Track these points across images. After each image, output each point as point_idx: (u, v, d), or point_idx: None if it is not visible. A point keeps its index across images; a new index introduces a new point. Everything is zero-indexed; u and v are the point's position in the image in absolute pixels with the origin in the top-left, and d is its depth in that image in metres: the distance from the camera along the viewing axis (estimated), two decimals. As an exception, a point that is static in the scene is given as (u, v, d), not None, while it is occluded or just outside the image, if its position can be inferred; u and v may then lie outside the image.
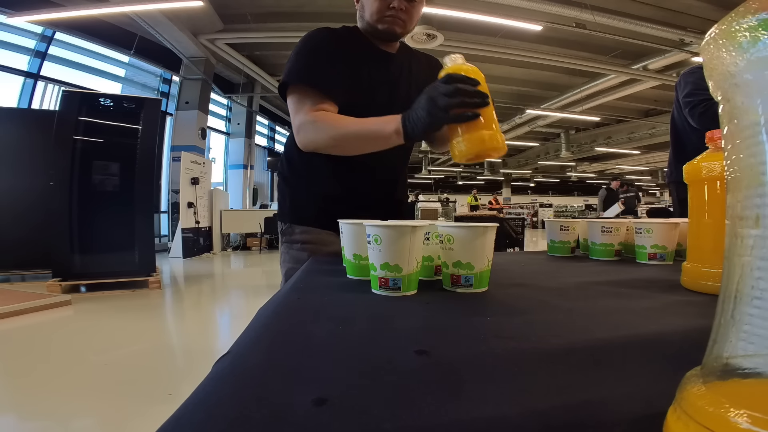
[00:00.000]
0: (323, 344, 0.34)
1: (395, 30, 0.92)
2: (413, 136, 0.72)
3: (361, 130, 0.80)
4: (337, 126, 0.83)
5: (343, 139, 0.82)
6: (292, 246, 1.03)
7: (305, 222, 1.04)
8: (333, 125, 0.83)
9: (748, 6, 0.17)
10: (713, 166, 0.55)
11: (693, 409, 0.16)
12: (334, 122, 0.84)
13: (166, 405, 1.61)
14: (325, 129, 0.83)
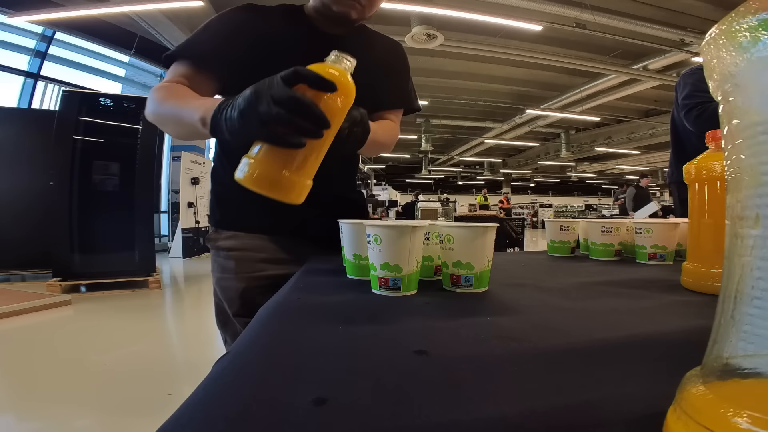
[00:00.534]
0: (323, 344, 0.34)
1: (350, 14, 0.82)
2: (218, 135, 0.56)
3: (174, 111, 0.68)
4: (164, 100, 0.71)
5: (161, 117, 0.72)
6: (218, 253, 0.92)
7: (231, 225, 0.92)
8: (163, 98, 0.72)
9: (749, 6, 0.17)
10: (713, 166, 0.55)
11: (693, 409, 0.16)
12: (167, 95, 0.72)
13: (166, 405, 1.61)
14: (155, 101, 0.73)
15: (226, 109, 0.54)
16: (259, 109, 0.48)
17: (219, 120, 0.55)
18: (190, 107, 0.64)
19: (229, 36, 0.80)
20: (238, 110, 0.51)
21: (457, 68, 8.43)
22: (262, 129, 0.49)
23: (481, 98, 9.80)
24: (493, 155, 18.61)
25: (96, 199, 3.81)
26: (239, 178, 0.50)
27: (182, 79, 0.77)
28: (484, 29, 6.23)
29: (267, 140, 0.49)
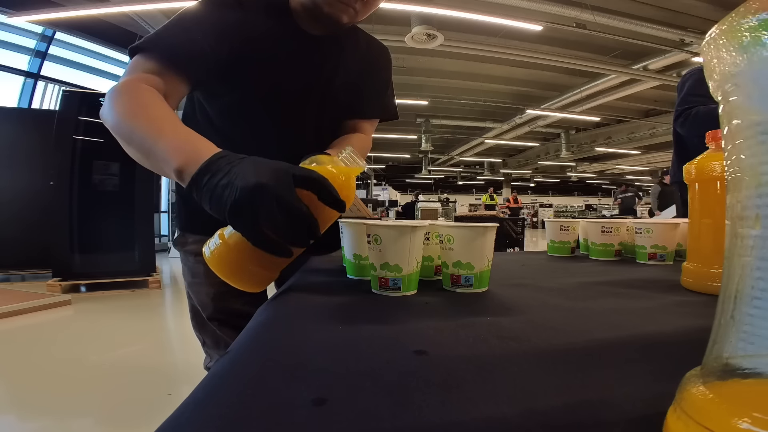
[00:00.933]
0: (323, 344, 0.34)
1: (341, 18, 0.75)
2: (195, 200, 0.48)
3: (142, 140, 0.54)
4: (130, 117, 0.57)
5: (124, 138, 0.57)
6: (188, 258, 0.89)
7: (199, 229, 0.87)
8: (129, 113, 0.58)
9: (749, 6, 0.17)
10: (713, 166, 0.54)
11: (693, 409, 0.16)
12: (134, 110, 0.58)
13: (165, 405, 1.61)
14: (117, 114, 0.58)
15: (214, 180, 0.45)
16: (258, 210, 0.42)
17: (202, 189, 0.46)
18: (164, 144, 0.52)
19: (210, 35, 0.70)
20: (232, 199, 0.43)
21: (457, 68, 8.43)
22: (252, 229, 0.44)
23: (481, 98, 9.80)
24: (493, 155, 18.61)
25: (96, 199, 3.81)
26: (206, 256, 0.49)
27: (150, 77, 0.64)
28: (484, 29, 6.23)
29: (253, 242, 0.44)
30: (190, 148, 0.51)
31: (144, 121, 0.56)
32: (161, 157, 0.51)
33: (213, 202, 0.45)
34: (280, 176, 0.44)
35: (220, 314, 0.87)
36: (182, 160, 0.49)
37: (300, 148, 0.74)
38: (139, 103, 0.59)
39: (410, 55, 7.50)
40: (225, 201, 0.43)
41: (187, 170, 0.48)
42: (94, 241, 3.80)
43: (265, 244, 0.44)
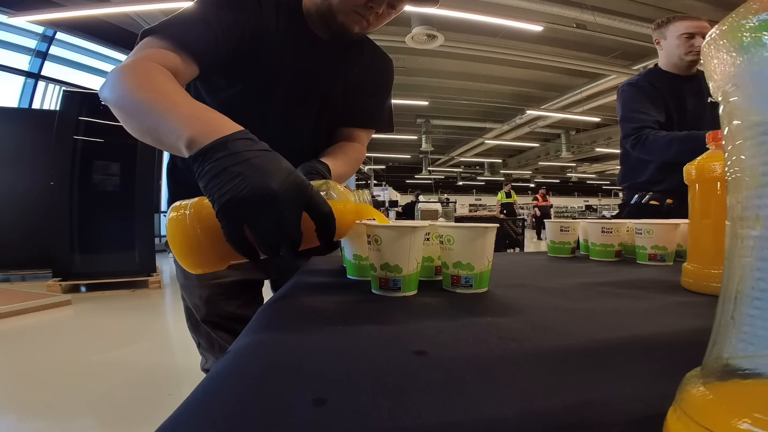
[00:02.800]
0: (323, 344, 0.34)
1: (353, 28, 0.76)
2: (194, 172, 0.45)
3: (151, 112, 0.50)
4: (139, 89, 0.53)
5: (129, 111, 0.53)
6: None
7: None
8: (138, 87, 0.54)
9: (749, 7, 0.17)
10: (713, 167, 0.55)
11: (693, 409, 0.16)
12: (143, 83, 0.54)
13: (165, 405, 1.61)
14: (125, 88, 0.54)
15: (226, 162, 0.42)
16: (257, 217, 0.41)
17: (206, 164, 0.43)
18: (177, 114, 0.48)
19: (224, 23, 0.69)
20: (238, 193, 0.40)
21: (458, 69, 8.44)
22: (236, 228, 0.41)
23: (482, 99, 9.81)
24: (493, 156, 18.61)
25: (96, 199, 3.81)
26: (168, 216, 0.46)
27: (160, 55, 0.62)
28: (485, 30, 6.23)
29: (229, 239, 0.42)
30: (208, 117, 0.48)
31: (154, 93, 0.52)
32: (171, 126, 0.47)
33: (213, 184, 0.41)
34: (297, 193, 0.42)
35: (213, 317, 0.87)
36: (197, 129, 0.45)
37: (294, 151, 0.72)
38: (149, 77, 0.56)
39: (410, 56, 7.50)
40: (229, 190, 0.40)
41: (199, 140, 0.44)
42: (95, 241, 3.80)
43: (239, 245, 0.42)
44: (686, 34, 1.49)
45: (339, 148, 0.85)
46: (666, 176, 1.50)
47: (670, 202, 1.49)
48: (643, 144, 1.47)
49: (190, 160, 0.45)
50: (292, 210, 0.42)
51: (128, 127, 0.54)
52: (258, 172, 0.41)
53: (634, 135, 1.50)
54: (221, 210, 0.41)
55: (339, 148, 0.85)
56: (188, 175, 0.84)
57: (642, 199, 1.57)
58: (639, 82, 1.59)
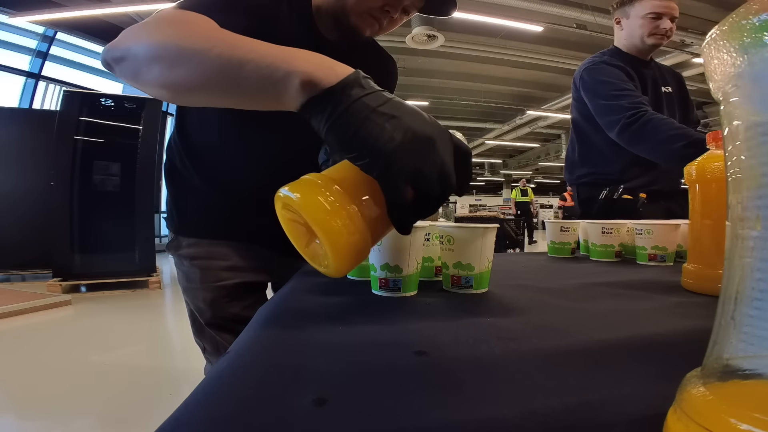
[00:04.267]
0: (323, 344, 0.34)
1: (365, 31, 0.73)
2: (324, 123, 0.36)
3: (237, 51, 0.41)
4: (199, 29, 0.45)
5: (189, 49, 0.43)
6: (182, 262, 0.86)
7: (192, 232, 0.85)
8: (193, 26, 0.46)
9: (749, 7, 0.17)
10: (714, 167, 0.54)
11: (693, 410, 0.16)
12: (199, 25, 0.47)
13: (165, 405, 1.61)
14: (173, 27, 0.47)
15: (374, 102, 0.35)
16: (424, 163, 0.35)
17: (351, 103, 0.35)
18: (277, 52, 0.40)
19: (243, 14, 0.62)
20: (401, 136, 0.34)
21: (458, 69, 8.44)
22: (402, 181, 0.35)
23: (482, 99, 9.81)
24: (493, 156, 18.61)
25: (96, 200, 3.81)
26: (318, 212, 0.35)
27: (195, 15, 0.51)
28: (485, 30, 6.23)
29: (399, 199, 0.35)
30: (312, 54, 0.39)
31: (219, 33, 0.43)
32: (268, 64, 0.39)
33: (365, 127, 0.34)
34: (447, 135, 0.38)
35: (218, 319, 0.85)
36: (314, 67, 0.37)
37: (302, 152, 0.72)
38: (199, 21, 0.47)
39: (411, 56, 7.50)
40: (389, 136, 0.34)
41: (324, 78, 0.36)
42: (95, 242, 3.80)
43: (402, 206, 0.36)
44: (653, 13, 1.35)
45: None
46: (645, 170, 1.41)
47: (644, 197, 1.41)
48: (645, 124, 1.25)
49: (309, 104, 0.37)
50: (449, 153, 0.37)
51: (179, 74, 0.43)
52: (408, 113, 0.36)
53: (634, 111, 1.27)
54: (388, 159, 0.34)
55: None
56: (188, 176, 0.83)
57: (613, 193, 1.43)
58: (610, 60, 1.40)
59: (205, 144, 0.80)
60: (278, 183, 0.40)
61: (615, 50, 1.49)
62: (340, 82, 0.36)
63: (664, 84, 1.49)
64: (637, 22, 1.40)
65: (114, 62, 0.49)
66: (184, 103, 0.53)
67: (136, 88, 0.50)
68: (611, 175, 1.46)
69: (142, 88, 0.48)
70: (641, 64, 1.45)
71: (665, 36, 1.39)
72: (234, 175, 0.81)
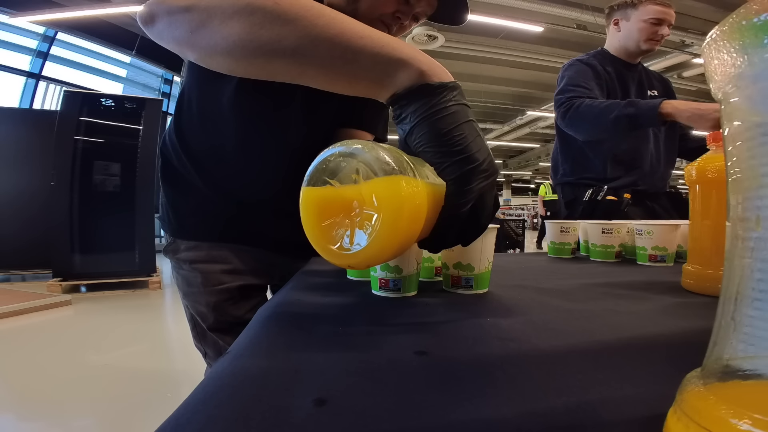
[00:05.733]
0: (323, 345, 0.34)
1: None
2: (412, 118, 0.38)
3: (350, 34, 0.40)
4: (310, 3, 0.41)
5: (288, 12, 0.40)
6: (181, 266, 0.83)
7: (190, 235, 0.82)
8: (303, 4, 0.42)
9: (749, 7, 0.17)
10: (714, 168, 0.54)
11: (693, 410, 0.16)
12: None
13: (165, 405, 1.61)
14: None
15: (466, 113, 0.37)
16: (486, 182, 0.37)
17: (445, 104, 0.36)
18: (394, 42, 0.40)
19: None
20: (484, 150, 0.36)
21: (458, 69, 8.43)
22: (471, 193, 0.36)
23: (482, 99, 9.80)
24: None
25: (97, 200, 3.81)
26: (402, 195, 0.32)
27: None
28: (485, 30, 6.23)
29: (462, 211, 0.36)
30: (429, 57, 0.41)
31: (326, 8, 0.41)
32: (384, 44, 0.39)
33: (462, 131, 0.36)
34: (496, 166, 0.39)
35: (221, 323, 0.83)
36: (428, 60, 0.39)
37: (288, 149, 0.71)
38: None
39: (411, 56, 7.49)
40: (478, 145, 0.36)
41: (441, 74, 0.39)
42: (95, 242, 3.80)
43: (458, 218, 0.37)
44: (654, 19, 1.39)
45: None
46: (628, 170, 1.42)
47: (628, 197, 1.41)
48: (576, 109, 1.31)
49: (420, 90, 0.37)
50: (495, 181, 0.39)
51: (270, 35, 0.40)
52: (480, 136, 0.37)
53: (566, 103, 1.34)
54: (475, 166, 0.35)
55: None
56: (187, 177, 0.81)
57: (597, 194, 1.44)
58: (588, 60, 1.47)
59: (206, 144, 0.78)
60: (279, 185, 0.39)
61: (601, 51, 1.53)
62: (452, 82, 0.38)
63: (650, 87, 1.51)
64: (636, 26, 1.42)
65: (168, 13, 0.44)
66: (243, 70, 0.45)
67: (175, 49, 0.46)
68: (593, 174, 1.47)
69: (194, 45, 0.44)
70: (626, 67, 1.47)
71: (659, 42, 1.42)
72: (236, 176, 0.79)
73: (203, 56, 0.46)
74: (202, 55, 0.46)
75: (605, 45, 1.54)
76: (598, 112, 1.26)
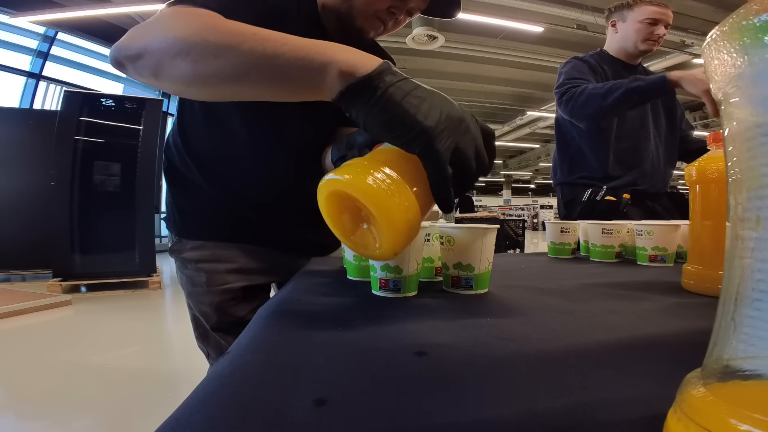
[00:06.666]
0: (323, 345, 0.34)
1: (369, 33, 0.75)
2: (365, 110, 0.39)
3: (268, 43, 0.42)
4: (220, 23, 0.46)
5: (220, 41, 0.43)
6: (186, 266, 0.84)
7: (195, 235, 0.83)
8: (216, 20, 0.46)
9: (749, 8, 0.17)
10: (714, 168, 0.54)
11: (693, 410, 0.16)
12: (213, 19, 0.47)
13: (165, 405, 1.61)
14: (197, 20, 0.46)
15: (406, 87, 0.38)
16: (460, 139, 0.38)
17: (388, 88, 0.37)
18: (302, 43, 0.41)
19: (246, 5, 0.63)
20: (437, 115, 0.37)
21: (458, 69, 8.44)
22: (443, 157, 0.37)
23: (482, 99, 9.81)
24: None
25: (97, 200, 3.82)
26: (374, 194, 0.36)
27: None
28: (485, 31, 6.23)
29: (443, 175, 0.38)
30: (343, 47, 0.41)
31: (242, 27, 0.44)
32: (305, 54, 0.41)
33: (404, 109, 0.37)
34: (473, 119, 0.40)
35: (224, 324, 0.84)
36: (349, 56, 0.40)
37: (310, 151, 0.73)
38: (216, 17, 0.47)
39: (411, 57, 7.51)
40: (427, 116, 0.37)
41: (360, 67, 0.39)
42: (95, 242, 3.80)
43: (444, 181, 0.38)
44: (650, 19, 1.39)
45: None
46: (628, 170, 1.42)
47: (627, 197, 1.41)
48: (579, 94, 1.30)
49: (348, 91, 0.39)
50: (478, 133, 0.40)
51: (210, 68, 0.44)
52: (438, 96, 0.39)
53: (567, 93, 1.33)
54: (431, 135, 0.36)
55: None
56: (190, 177, 0.82)
57: (596, 195, 1.44)
58: (584, 58, 1.48)
59: (210, 146, 0.79)
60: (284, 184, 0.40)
61: (600, 52, 1.53)
62: (375, 69, 0.39)
63: None
64: (633, 27, 1.43)
65: (129, 60, 0.48)
66: (210, 97, 0.52)
67: (153, 86, 0.50)
68: (592, 174, 1.47)
69: (163, 84, 0.48)
70: (625, 68, 1.47)
71: (657, 42, 1.42)
72: (240, 177, 0.80)
73: (175, 92, 0.50)
74: (173, 91, 0.49)
75: (605, 47, 1.54)
76: (604, 92, 1.25)
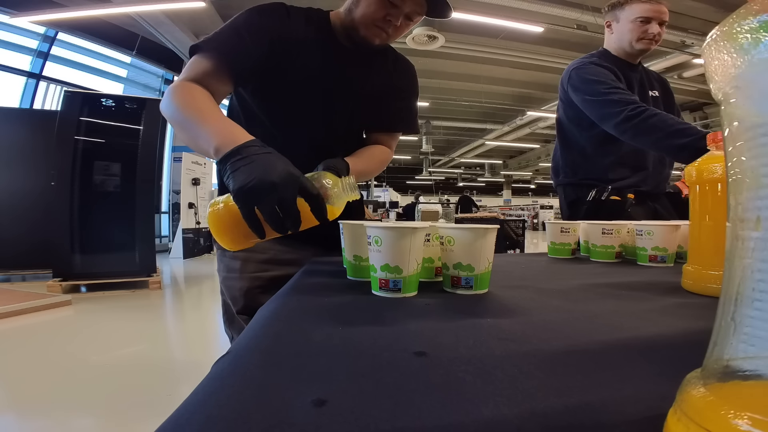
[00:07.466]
0: (323, 345, 0.34)
1: (374, 41, 0.85)
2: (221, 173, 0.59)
3: (192, 125, 0.67)
4: (185, 107, 0.70)
5: (177, 124, 0.70)
6: (225, 253, 0.95)
7: None
8: (184, 105, 0.70)
9: (749, 8, 0.17)
10: (714, 168, 0.54)
11: (693, 410, 0.16)
12: (188, 102, 0.71)
13: (165, 405, 1.61)
14: (174, 105, 0.71)
15: (240, 162, 0.56)
16: (261, 199, 0.53)
17: (227, 165, 0.57)
18: (208, 129, 0.64)
19: (256, 37, 0.79)
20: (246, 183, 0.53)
21: (458, 70, 8.43)
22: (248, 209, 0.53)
23: (482, 100, 9.80)
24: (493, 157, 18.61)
25: (97, 200, 3.81)
26: (208, 210, 0.60)
27: (202, 77, 0.75)
28: (485, 31, 6.23)
29: (246, 218, 0.54)
30: (228, 131, 0.63)
31: (195, 111, 0.69)
32: (205, 137, 0.63)
33: (232, 179, 0.55)
34: (291, 180, 0.54)
35: (249, 310, 0.91)
36: (221, 140, 0.60)
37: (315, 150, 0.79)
38: (192, 97, 0.72)
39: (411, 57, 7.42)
40: (242, 182, 0.53)
41: (222, 149, 0.59)
42: (95, 242, 3.80)
43: (253, 224, 0.54)
44: (641, 18, 1.35)
45: (365, 149, 0.93)
46: (633, 171, 1.41)
47: (632, 197, 1.40)
48: (651, 116, 1.22)
49: (217, 163, 0.59)
50: (288, 193, 0.53)
51: (179, 133, 0.71)
52: (261, 167, 0.54)
53: (636, 105, 1.25)
54: (236, 198, 0.54)
55: (365, 149, 0.93)
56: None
57: (601, 195, 1.43)
58: (598, 62, 1.41)
59: None
60: None
61: (604, 52, 1.50)
62: (228, 152, 0.58)
63: (651, 88, 1.51)
64: (626, 26, 1.41)
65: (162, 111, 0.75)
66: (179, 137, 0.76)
67: None
68: (595, 175, 1.46)
69: None
70: (629, 68, 1.46)
71: (653, 41, 1.40)
72: None
73: None
74: None
75: (604, 45, 1.53)
76: (669, 132, 1.18)
